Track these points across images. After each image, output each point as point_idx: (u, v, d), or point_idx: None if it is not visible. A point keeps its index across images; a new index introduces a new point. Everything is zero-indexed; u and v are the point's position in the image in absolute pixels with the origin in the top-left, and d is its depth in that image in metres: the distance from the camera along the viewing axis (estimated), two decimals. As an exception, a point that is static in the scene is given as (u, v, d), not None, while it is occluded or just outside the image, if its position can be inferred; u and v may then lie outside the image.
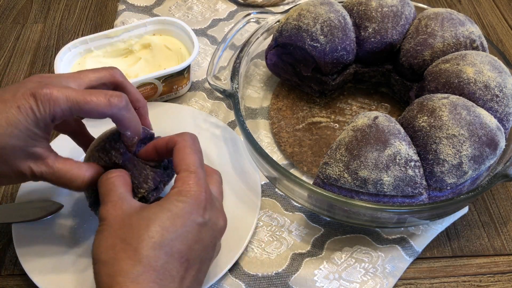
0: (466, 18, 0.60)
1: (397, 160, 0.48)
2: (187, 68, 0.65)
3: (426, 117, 0.50)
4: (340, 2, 0.65)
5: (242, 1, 0.83)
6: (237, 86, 0.59)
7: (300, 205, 0.57)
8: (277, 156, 0.62)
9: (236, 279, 0.51)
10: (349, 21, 0.62)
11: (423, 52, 0.59)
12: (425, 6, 0.67)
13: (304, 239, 0.54)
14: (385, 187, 0.48)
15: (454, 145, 0.48)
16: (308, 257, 0.53)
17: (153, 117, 0.63)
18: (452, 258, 0.54)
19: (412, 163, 0.48)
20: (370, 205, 0.47)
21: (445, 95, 0.52)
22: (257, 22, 0.68)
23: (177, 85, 0.66)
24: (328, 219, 0.56)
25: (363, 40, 0.61)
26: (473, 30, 0.59)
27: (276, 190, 0.58)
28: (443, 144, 0.48)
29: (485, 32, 0.82)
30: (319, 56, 0.60)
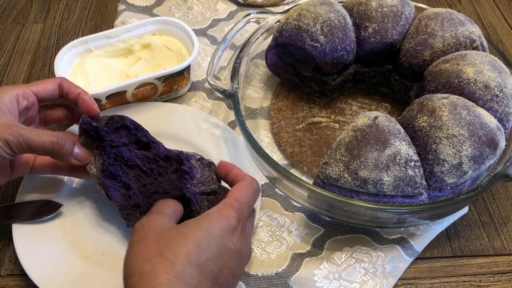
0: (466, 18, 0.60)
1: (397, 160, 0.48)
2: (187, 68, 0.65)
3: (426, 117, 0.50)
4: (340, 2, 0.65)
5: (242, 1, 0.83)
6: (237, 86, 0.59)
7: (300, 205, 0.56)
8: (277, 156, 0.62)
9: (236, 279, 0.51)
10: (349, 21, 0.62)
11: (423, 52, 0.59)
12: (425, 6, 0.67)
13: (304, 239, 0.54)
14: (385, 187, 0.48)
15: (454, 145, 0.48)
16: (308, 257, 0.53)
17: (153, 117, 0.63)
18: (452, 258, 0.54)
19: (412, 163, 0.48)
20: (370, 205, 0.47)
21: (445, 95, 0.52)
22: (257, 22, 0.68)
23: (177, 85, 0.66)
24: (328, 219, 0.56)
25: (363, 40, 0.61)
26: (473, 30, 0.59)
27: (276, 190, 0.58)
28: (443, 144, 0.48)
29: (485, 32, 0.82)
30: (319, 56, 0.60)
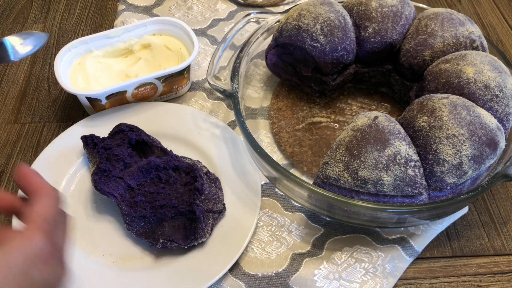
0: (466, 18, 0.60)
1: (397, 160, 0.48)
2: (187, 68, 0.65)
3: (426, 117, 0.50)
4: (340, 2, 0.65)
5: (242, 1, 0.83)
6: (237, 86, 0.59)
7: (300, 205, 0.56)
8: (277, 156, 0.62)
9: (236, 279, 0.51)
10: (349, 21, 0.62)
11: (423, 52, 0.59)
12: (425, 6, 0.67)
13: (304, 239, 0.54)
14: (385, 187, 0.48)
15: (454, 145, 0.48)
16: (308, 257, 0.53)
17: (153, 117, 0.63)
18: (452, 258, 0.54)
19: (412, 163, 0.48)
20: (370, 205, 0.47)
21: (445, 95, 0.52)
22: (257, 22, 0.68)
23: (177, 85, 0.66)
24: (328, 219, 0.56)
25: (363, 40, 0.61)
26: (473, 30, 0.59)
27: (276, 190, 0.58)
28: (443, 144, 0.48)
29: (485, 32, 0.82)
30: (319, 56, 0.60)
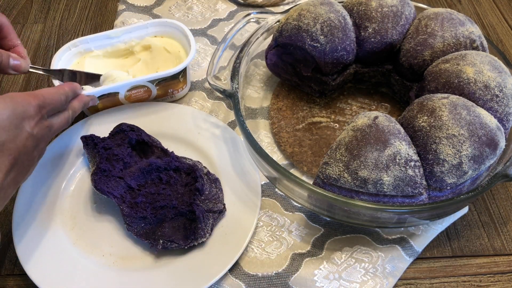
0: (466, 18, 0.60)
1: (397, 160, 0.48)
2: (183, 72, 0.64)
3: (426, 117, 0.50)
4: (340, 2, 0.65)
5: (242, 1, 0.83)
6: (237, 86, 0.59)
7: (300, 205, 0.56)
8: (277, 156, 0.62)
9: (236, 279, 0.51)
10: (349, 21, 0.62)
11: (423, 52, 0.59)
12: (425, 6, 0.67)
13: (304, 239, 0.54)
14: (385, 187, 0.48)
15: (454, 145, 0.48)
16: (308, 257, 0.53)
17: (153, 117, 0.63)
18: (452, 258, 0.54)
19: (412, 163, 0.48)
20: (370, 205, 0.47)
21: (445, 95, 0.52)
22: (257, 22, 0.68)
23: (173, 89, 0.66)
24: (328, 219, 0.56)
25: (363, 40, 0.61)
26: (473, 30, 0.59)
27: (276, 190, 0.58)
28: (443, 144, 0.48)
29: (485, 32, 0.82)
30: (319, 56, 0.60)
